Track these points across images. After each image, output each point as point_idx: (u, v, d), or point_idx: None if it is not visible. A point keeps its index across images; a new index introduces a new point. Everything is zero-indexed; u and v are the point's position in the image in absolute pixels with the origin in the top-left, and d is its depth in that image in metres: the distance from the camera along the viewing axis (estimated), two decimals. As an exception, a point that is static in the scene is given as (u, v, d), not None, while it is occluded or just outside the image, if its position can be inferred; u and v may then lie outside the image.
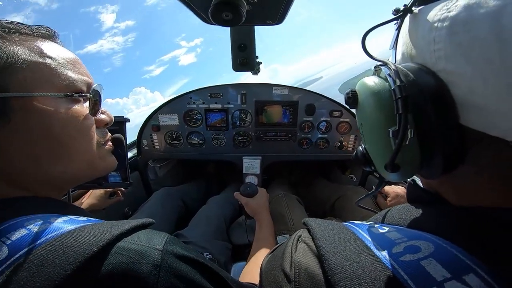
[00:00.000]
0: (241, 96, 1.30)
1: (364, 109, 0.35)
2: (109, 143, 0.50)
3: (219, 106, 1.32)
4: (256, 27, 0.82)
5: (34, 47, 0.37)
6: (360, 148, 0.45)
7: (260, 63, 1.05)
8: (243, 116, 1.35)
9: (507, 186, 0.27)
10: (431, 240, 0.27)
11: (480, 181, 0.29)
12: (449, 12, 0.26)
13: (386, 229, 0.31)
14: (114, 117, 0.85)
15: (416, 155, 0.30)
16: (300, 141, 1.40)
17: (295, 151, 1.43)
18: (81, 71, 0.42)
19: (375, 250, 0.27)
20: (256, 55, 0.94)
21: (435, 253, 0.25)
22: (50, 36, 0.42)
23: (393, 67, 0.30)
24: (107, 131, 0.50)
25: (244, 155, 1.41)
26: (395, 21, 0.37)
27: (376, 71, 0.35)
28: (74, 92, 0.40)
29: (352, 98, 0.37)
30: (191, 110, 1.34)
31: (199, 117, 1.35)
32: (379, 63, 0.35)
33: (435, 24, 0.27)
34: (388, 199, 1.04)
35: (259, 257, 0.74)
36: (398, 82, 0.28)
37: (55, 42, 0.42)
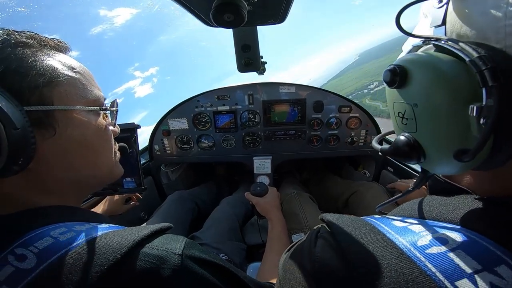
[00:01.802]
0: (248, 96, 1.30)
1: (423, 88, 0.30)
2: (118, 152, 0.54)
3: (227, 108, 1.33)
4: (259, 27, 0.82)
5: (65, 62, 0.40)
6: (402, 137, 0.35)
7: (265, 62, 1.05)
8: (252, 117, 1.35)
9: None
10: (457, 232, 0.26)
11: None
12: None
13: (409, 221, 0.30)
14: (125, 124, 0.87)
15: (490, 140, 0.26)
16: (310, 139, 1.38)
17: (306, 149, 1.41)
18: (98, 86, 0.46)
19: (398, 244, 0.27)
20: (261, 55, 0.94)
21: (463, 245, 0.24)
22: (67, 48, 0.44)
23: (458, 41, 0.27)
24: (115, 141, 0.54)
25: (254, 155, 1.41)
26: None
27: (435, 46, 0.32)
28: (101, 106, 0.44)
29: (401, 75, 0.31)
30: (199, 113, 1.35)
31: (207, 120, 1.37)
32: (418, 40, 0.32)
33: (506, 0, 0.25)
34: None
35: (274, 256, 0.74)
36: (475, 54, 0.25)
37: (69, 56, 0.44)
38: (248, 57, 0.89)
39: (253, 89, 1.29)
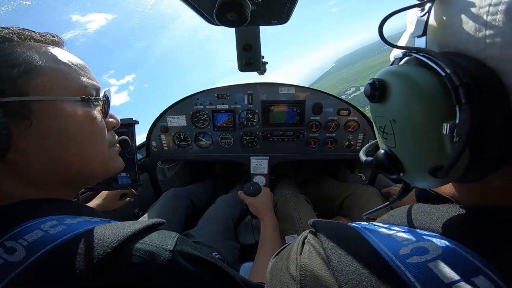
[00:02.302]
0: (247, 96, 1.30)
1: (400, 103, 0.29)
2: (117, 144, 0.52)
3: (226, 106, 1.33)
4: (261, 27, 0.82)
5: (48, 53, 0.39)
6: (382, 151, 0.35)
7: (266, 63, 1.04)
8: (250, 116, 1.35)
9: None
10: (439, 241, 0.26)
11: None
12: None
13: (394, 229, 0.31)
14: (123, 119, 0.86)
15: (465, 156, 0.25)
16: (307, 141, 1.39)
17: (303, 151, 1.42)
18: (90, 76, 0.44)
19: (382, 252, 0.27)
20: (262, 55, 0.94)
21: (443, 254, 0.24)
22: (59, 42, 0.43)
23: (436, 54, 0.27)
24: (115, 134, 0.52)
25: (251, 155, 1.41)
26: (421, 6, 0.33)
27: (406, 59, 0.32)
28: (88, 96, 0.42)
29: (380, 89, 0.31)
30: (198, 111, 1.35)
31: (206, 118, 1.36)
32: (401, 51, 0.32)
33: (486, 8, 0.24)
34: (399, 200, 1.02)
35: (264, 257, 0.74)
36: (451, 69, 0.24)
37: (63, 49, 0.44)
38: (249, 56, 0.88)
39: (253, 88, 1.29)
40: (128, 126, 0.85)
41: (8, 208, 0.35)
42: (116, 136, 0.52)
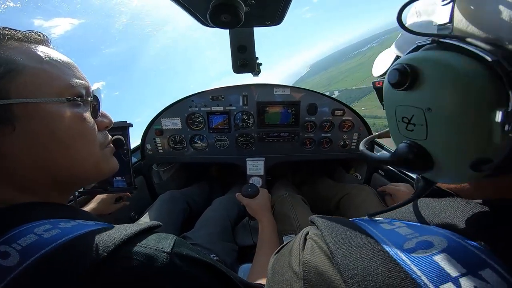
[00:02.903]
0: (242, 97, 1.30)
1: (439, 90, 0.27)
2: (111, 145, 0.51)
3: (221, 108, 1.32)
4: (255, 28, 0.82)
5: (31, 53, 0.38)
6: (405, 144, 0.32)
7: (261, 64, 1.05)
8: (245, 118, 1.35)
9: None
10: (444, 235, 0.26)
11: None
12: None
13: (396, 224, 0.30)
14: (117, 122, 0.85)
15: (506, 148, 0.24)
16: (303, 141, 1.39)
17: (299, 151, 1.42)
18: (78, 75, 0.43)
19: (385, 247, 0.27)
20: (256, 56, 0.94)
21: (449, 248, 0.24)
22: (44, 41, 0.41)
23: (477, 41, 0.25)
24: (108, 134, 0.50)
25: (247, 156, 1.41)
26: None
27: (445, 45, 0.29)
28: (75, 96, 0.40)
29: (412, 75, 0.28)
30: (193, 113, 1.34)
31: (201, 120, 1.36)
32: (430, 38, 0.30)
33: None
34: (394, 198, 1.03)
35: (263, 258, 0.74)
36: (501, 55, 0.23)
37: (49, 47, 0.42)
38: (244, 58, 0.89)
39: (248, 90, 1.29)
40: (122, 129, 0.85)
41: (1, 213, 0.34)
42: (110, 136, 0.51)
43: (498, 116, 0.23)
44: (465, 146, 0.27)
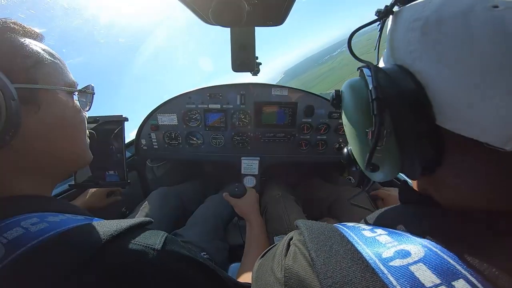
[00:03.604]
0: (240, 96, 1.30)
1: (346, 110, 0.36)
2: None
3: (218, 106, 1.32)
4: (257, 28, 0.82)
5: (45, 48, 0.43)
6: (345, 150, 0.46)
7: (260, 63, 1.05)
8: (242, 117, 1.35)
9: (485, 189, 0.28)
10: (421, 244, 0.26)
11: (459, 184, 0.29)
12: (423, 12, 0.27)
13: (378, 232, 0.31)
14: (113, 116, 0.85)
15: (395, 156, 0.31)
16: (298, 142, 1.40)
17: (294, 152, 1.43)
18: (70, 73, 0.48)
19: (365, 255, 0.27)
20: (256, 55, 0.94)
21: (425, 258, 0.25)
22: (43, 37, 0.46)
23: (373, 68, 0.30)
24: None
25: (242, 155, 1.41)
26: (378, 23, 0.37)
27: (361, 72, 0.35)
28: (80, 89, 0.48)
29: (336, 98, 0.38)
30: (190, 110, 1.33)
31: (198, 117, 1.35)
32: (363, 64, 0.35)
33: (411, 25, 0.28)
34: (385, 202, 1.04)
35: (250, 258, 0.75)
36: (374, 84, 0.29)
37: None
38: (244, 57, 0.89)
39: (246, 89, 1.29)
40: (117, 123, 0.84)
41: None
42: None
43: (368, 134, 0.31)
44: (361, 152, 0.35)
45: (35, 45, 0.41)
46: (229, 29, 0.81)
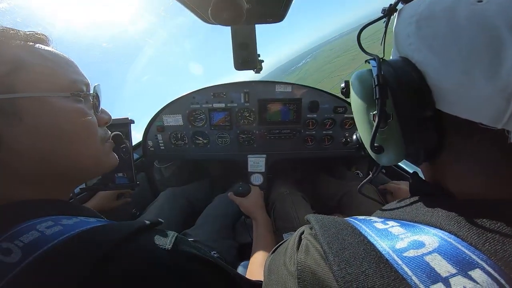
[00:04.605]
0: (244, 94, 1.30)
1: (354, 97, 0.39)
2: (111, 140, 0.52)
3: (222, 105, 1.32)
4: (257, 25, 0.82)
5: (34, 51, 0.39)
6: (355, 136, 0.51)
7: (262, 61, 1.04)
8: (247, 115, 1.35)
9: (484, 174, 0.28)
10: (435, 235, 0.26)
11: (465, 171, 0.30)
12: (419, 8, 0.30)
13: (390, 224, 0.31)
14: (118, 118, 0.86)
15: (398, 139, 0.33)
16: (304, 138, 1.39)
17: (300, 149, 1.42)
18: (79, 72, 0.44)
19: (378, 246, 0.27)
20: (258, 53, 0.93)
21: (440, 248, 0.24)
22: (44, 40, 0.43)
23: (378, 59, 0.34)
24: (107, 130, 0.52)
25: (249, 153, 1.41)
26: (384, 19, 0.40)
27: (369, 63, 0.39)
28: (78, 91, 0.42)
29: (346, 88, 0.44)
30: (194, 110, 1.34)
31: (203, 117, 1.36)
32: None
33: (408, 20, 0.31)
34: (394, 196, 1.03)
35: (258, 256, 0.74)
36: (378, 72, 0.32)
37: (49, 46, 0.43)
38: (246, 55, 0.88)
39: (249, 87, 1.29)
40: (123, 125, 0.85)
41: (3, 209, 0.34)
42: (109, 132, 0.52)
43: (371, 116, 0.35)
44: (367, 135, 0.38)
45: (16, 49, 0.37)
46: (229, 27, 0.81)
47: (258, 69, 1.05)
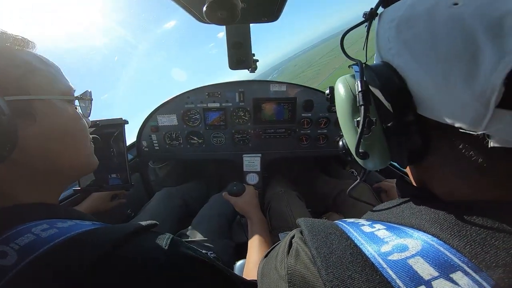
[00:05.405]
0: (238, 94, 1.29)
1: (338, 103, 0.39)
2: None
3: (217, 105, 1.32)
4: (252, 25, 0.81)
5: (37, 56, 0.41)
6: (341, 142, 0.51)
7: (257, 60, 1.04)
8: (242, 114, 1.35)
9: (469, 177, 0.28)
10: (418, 238, 0.27)
11: (449, 174, 0.30)
12: (398, 12, 0.30)
13: (376, 227, 0.31)
14: (112, 119, 0.85)
15: (382, 144, 0.34)
16: (299, 137, 1.40)
17: (295, 147, 1.43)
18: (66, 79, 0.47)
19: (364, 250, 0.28)
20: (253, 52, 0.93)
21: (423, 251, 0.25)
22: (34, 46, 0.44)
23: (360, 65, 0.34)
24: None
25: (244, 153, 1.41)
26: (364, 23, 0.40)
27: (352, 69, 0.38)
28: (77, 96, 0.46)
29: (330, 95, 0.44)
30: (189, 110, 1.34)
31: (197, 117, 1.35)
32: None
33: (388, 25, 0.31)
34: (388, 194, 1.04)
35: (253, 255, 0.75)
36: (360, 78, 0.32)
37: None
38: (240, 54, 0.88)
39: (244, 86, 1.29)
40: (117, 126, 0.84)
41: None
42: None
43: (355, 123, 0.34)
44: (352, 141, 0.37)
45: (25, 54, 0.39)
46: (224, 27, 0.80)
47: (253, 68, 1.05)
